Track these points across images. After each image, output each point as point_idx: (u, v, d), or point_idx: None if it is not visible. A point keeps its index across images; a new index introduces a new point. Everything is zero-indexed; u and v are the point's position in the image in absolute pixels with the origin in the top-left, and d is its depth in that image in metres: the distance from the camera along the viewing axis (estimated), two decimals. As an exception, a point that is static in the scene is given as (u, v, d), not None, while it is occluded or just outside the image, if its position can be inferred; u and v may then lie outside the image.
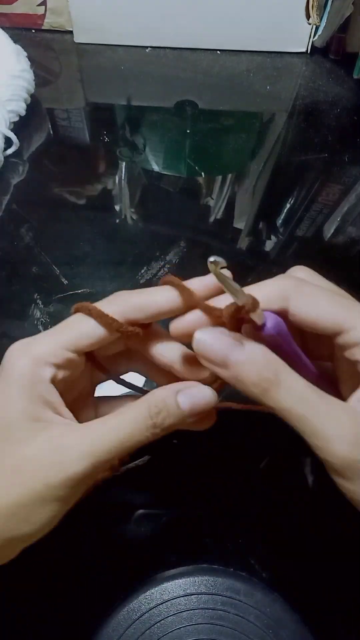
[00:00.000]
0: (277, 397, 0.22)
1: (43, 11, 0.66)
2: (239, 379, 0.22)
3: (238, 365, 0.22)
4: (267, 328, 0.23)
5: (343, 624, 0.31)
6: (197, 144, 0.57)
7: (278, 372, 0.22)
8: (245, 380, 0.22)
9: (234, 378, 0.22)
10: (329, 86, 0.63)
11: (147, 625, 0.30)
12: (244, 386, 0.22)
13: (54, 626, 0.31)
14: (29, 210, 0.50)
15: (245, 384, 0.22)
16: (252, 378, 0.22)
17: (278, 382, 0.22)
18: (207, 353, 0.23)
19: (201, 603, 0.31)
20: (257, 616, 0.30)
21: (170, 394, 0.24)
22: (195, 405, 0.24)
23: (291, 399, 0.22)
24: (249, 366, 0.22)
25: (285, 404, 0.22)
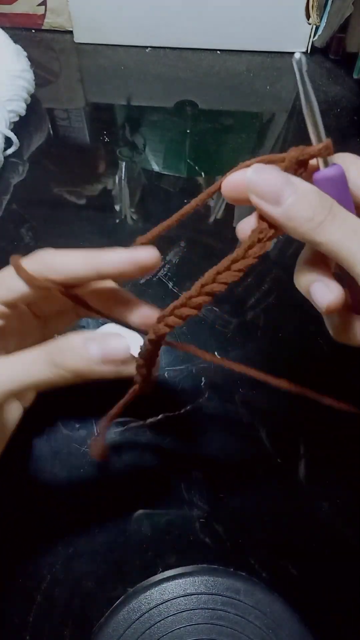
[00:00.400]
0: (330, 230, 0.22)
1: (43, 11, 0.66)
2: (291, 215, 0.22)
3: (292, 201, 0.22)
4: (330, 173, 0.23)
5: (343, 624, 0.31)
6: (197, 144, 0.57)
7: (332, 206, 0.22)
8: (299, 216, 0.22)
9: (285, 214, 0.22)
10: (329, 86, 0.63)
11: (147, 625, 0.30)
12: (296, 223, 0.22)
13: (54, 626, 0.31)
14: (29, 210, 0.50)
15: (297, 219, 0.22)
16: (306, 212, 0.22)
17: (333, 215, 0.22)
18: (260, 189, 0.23)
19: (201, 603, 0.31)
20: (257, 616, 0.30)
21: (79, 337, 0.24)
22: (108, 353, 0.24)
23: (344, 231, 0.22)
24: (303, 201, 0.22)
25: (337, 236, 0.22)
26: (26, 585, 0.32)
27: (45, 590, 0.32)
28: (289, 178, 0.23)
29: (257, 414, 0.38)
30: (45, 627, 0.31)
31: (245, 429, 0.38)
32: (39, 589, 0.32)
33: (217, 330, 0.41)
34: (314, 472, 0.36)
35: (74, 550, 0.33)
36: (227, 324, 0.42)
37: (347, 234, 0.22)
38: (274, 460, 0.37)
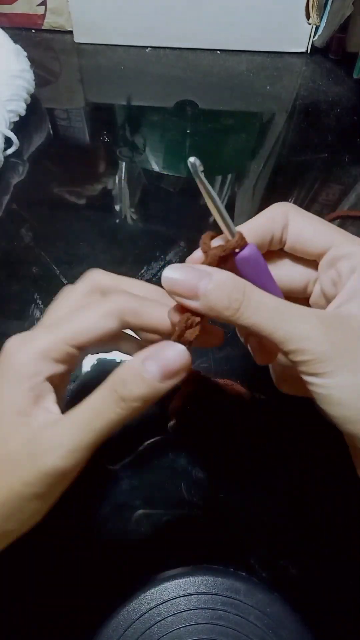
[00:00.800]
0: (249, 314, 0.23)
1: (43, 11, 0.66)
2: (211, 306, 0.23)
3: (207, 293, 0.23)
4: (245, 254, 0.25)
5: (343, 624, 0.31)
6: (197, 144, 0.57)
7: (246, 290, 0.23)
8: (217, 305, 0.23)
9: (206, 306, 0.23)
10: (329, 86, 0.63)
11: (147, 625, 0.30)
12: (217, 312, 0.23)
13: (54, 626, 0.31)
14: (29, 210, 0.50)
15: (217, 309, 0.23)
16: (223, 302, 0.23)
17: (248, 300, 0.23)
18: (177, 287, 0.24)
19: (201, 603, 0.31)
20: (257, 616, 0.30)
21: (136, 361, 0.24)
22: (166, 367, 0.24)
23: (263, 313, 0.23)
24: (218, 291, 0.23)
25: (258, 318, 0.23)
26: (27, 585, 0.32)
27: (45, 590, 0.32)
28: (201, 271, 0.24)
29: (257, 413, 0.38)
30: (45, 627, 0.31)
31: (245, 428, 0.38)
32: (39, 589, 0.32)
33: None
34: (314, 472, 0.36)
35: (74, 550, 0.33)
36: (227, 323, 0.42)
37: (267, 314, 0.23)
38: (274, 460, 0.37)
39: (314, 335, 0.22)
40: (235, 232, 0.25)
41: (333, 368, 0.22)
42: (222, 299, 0.23)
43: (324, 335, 0.22)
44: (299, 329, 0.22)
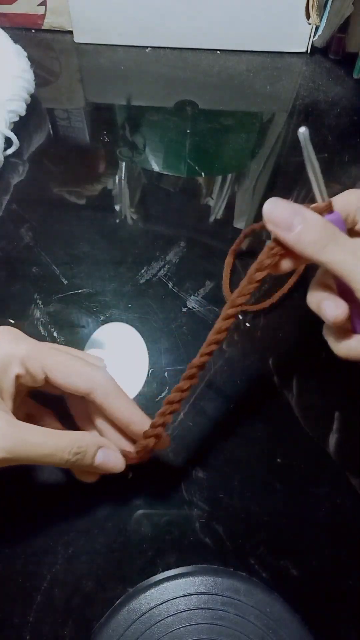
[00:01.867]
0: (334, 251, 0.27)
1: (43, 11, 0.66)
2: (301, 239, 0.27)
3: (301, 227, 0.27)
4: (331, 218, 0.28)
5: (343, 624, 0.31)
6: (197, 144, 0.57)
7: (335, 232, 0.27)
8: (307, 239, 0.27)
9: (296, 238, 0.27)
10: (329, 86, 0.63)
11: (147, 625, 0.30)
12: (304, 245, 0.27)
13: (54, 626, 0.31)
14: (29, 210, 0.50)
15: (306, 242, 0.27)
16: (313, 236, 0.27)
17: (335, 239, 0.27)
18: (275, 218, 0.28)
19: (201, 603, 0.31)
20: (257, 616, 0.30)
21: (94, 445, 0.30)
22: (105, 464, 0.31)
23: (345, 252, 0.27)
24: (311, 227, 0.27)
25: (340, 256, 0.27)
26: (26, 585, 0.32)
27: (45, 590, 0.32)
28: (298, 209, 0.28)
29: (256, 413, 0.38)
30: (45, 627, 0.31)
31: (245, 428, 0.38)
32: (39, 589, 0.32)
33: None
34: (313, 472, 0.36)
35: (74, 550, 0.33)
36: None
37: (346, 255, 0.27)
38: (274, 460, 0.37)
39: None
40: (327, 199, 0.29)
41: None
42: (313, 234, 0.27)
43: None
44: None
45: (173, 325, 0.42)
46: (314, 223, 0.27)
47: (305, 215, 0.27)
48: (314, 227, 0.27)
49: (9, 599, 0.31)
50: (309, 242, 0.27)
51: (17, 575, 0.32)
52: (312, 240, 0.27)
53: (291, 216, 0.27)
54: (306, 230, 0.27)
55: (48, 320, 0.42)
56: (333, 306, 0.29)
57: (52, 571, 0.32)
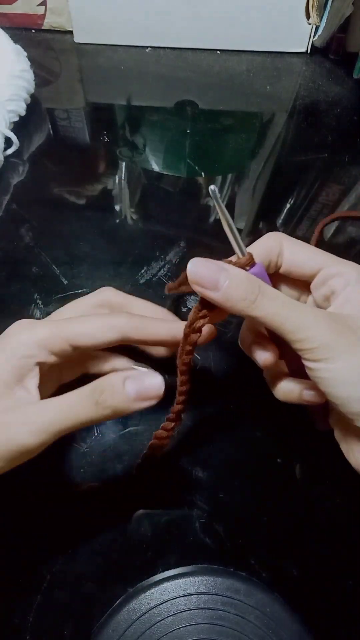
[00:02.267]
0: (263, 305, 0.26)
1: (43, 11, 0.66)
2: (228, 297, 0.27)
3: (226, 285, 0.26)
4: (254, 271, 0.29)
5: (343, 624, 0.31)
6: (197, 144, 0.57)
7: (261, 285, 0.27)
8: (234, 296, 0.26)
9: (224, 297, 0.27)
10: (329, 86, 0.64)
11: (147, 625, 0.30)
12: (233, 303, 0.27)
13: (54, 626, 0.31)
14: (29, 210, 0.50)
15: (234, 300, 0.27)
16: (240, 293, 0.26)
17: (263, 293, 0.27)
18: (200, 278, 0.27)
19: (201, 603, 0.31)
20: (257, 616, 0.30)
21: (118, 377, 0.27)
22: (142, 391, 0.27)
23: (276, 305, 0.27)
24: (236, 284, 0.27)
25: (271, 309, 0.26)
26: (26, 585, 0.32)
27: (45, 590, 0.32)
28: (222, 266, 0.27)
29: (257, 413, 0.38)
30: (45, 627, 0.31)
31: (245, 428, 0.38)
32: (39, 589, 0.32)
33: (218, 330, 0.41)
34: (314, 472, 0.36)
35: (74, 550, 0.33)
36: (227, 323, 0.42)
37: (276, 308, 0.26)
38: (274, 460, 0.37)
39: (320, 326, 0.26)
40: (246, 252, 0.29)
41: (335, 354, 0.26)
42: (240, 291, 0.26)
43: (327, 326, 0.26)
44: (307, 320, 0.26)
45: (173, 325, 0.42)
46: (238, 278, 0.27)
47: (229, 271, 0.27)
48: (239, 282, 0.27)
49: (9, 599, 0.31)
50: (237, 298, 0.26)
51: (17, 575, 0.32)
52: (240, 296, 0.26)
53: (215, 274, 0.27)
54: (232, 287, 0.26)
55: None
56: (262, 352, 0.30)
57: (52, 571, 0.32)
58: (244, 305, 0.26)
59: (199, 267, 0.27)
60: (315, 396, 0.30)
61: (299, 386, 0.30)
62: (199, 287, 0.27)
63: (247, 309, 0.27)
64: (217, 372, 0.40)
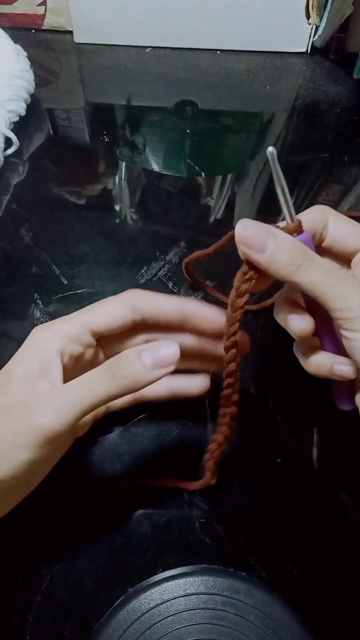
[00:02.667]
0: (309, 271, 0.27)
1: (43, 11, 0.66)
2: (274, 260, 0.27)
3: (274, 248, 0.27)
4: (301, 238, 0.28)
5: (343, 624, 0.31)
6: (197, 144, 0.57)
7: (307, 252, 0.27)
8: (280, 260, 0.27)
9: (269, 259, 0.27)
10: (329, 86, 0.64)
11: (147, 625, 0.30)
12: (278, 267, 0.27)
13: (54, 626, 0.31)
14: (29, 210, 0.50)
15: (279, 263, 0.27)
16: (286, 258, 0.27)
17: (310, 259, 0.27)
18: (248, 240, 0.27)
19: (201, 603, 0.31)
20: (257, 616, 0.30)
21: (133, 350, 0.28)
22: (158, 359, 0.28)
23: (321, 272, 0.27)
24: (283, 248, 0.27)
25: (316, 276, 0.27)
26: (26, 585, 0.32)
27: (45, 590, 0.32)
28: (270, 229, 0.27)
29: (257, 413, 0.38)
30: (45, 627, 0.31)
31: (245, 428, 0.38)
32: (39, 589, 0.32)
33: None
34: (314, 472, 0.36)
35: (74, 550, 0.33)
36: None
37: (321, 275, 0.27)
38: (274, 460, 0.37)
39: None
40: (296, 219, 0.28)
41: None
42: (286, 256, 0.27)
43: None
44: (349, 290, 0.26)
45: (173, 325, 0.42)
46: (286, 243, 0.27)
47: (277, 235, 0.27)
48: (286, 247, 0.27)
49: (9, 599, 0.31)
50: (283, 263, 0.27)
51: (17, 575, 0.32)
52: (286, 261, 0.27)
53: (263, 237, 0.27)
54: (279, 251, 0.27)
55: (48, 321, 0.42)
56: (299, 320, 0.30)
57: (52, 571, 0.32)
58: (290, 270, 0.27)
59: (247, 228, 0.27)
60: (347, 371, 0.29)
61: (331, 359, 0.30)
62: (246, 248, 0.27)
63: (292, 274, 0.27)
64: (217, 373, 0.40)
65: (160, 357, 0.28)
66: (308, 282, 0.27)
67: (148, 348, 0.28)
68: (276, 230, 0.27)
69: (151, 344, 0.28)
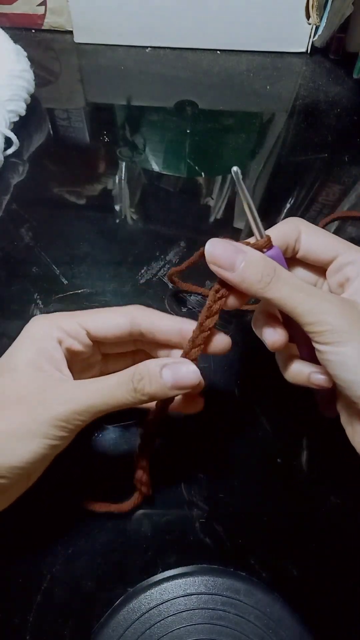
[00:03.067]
0: (278, 287, 0.27)
1: (43, 11, 0.66)
2: (244, 278, 0.27)
3: (243, 266, 0.27)
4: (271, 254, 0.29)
5: (343, 624, 0.31)
6: (197, 144, 0.57)
7: (276, 268, 0.28)
8: (250, 278, 0.27)
9: (239, 277, 0.27)
10: (329, 86, 0.64)
11: (147, 625, 0.30)
12: (248, 284, 0.27)
13: (54, 626, 0.31)
14: (29, 210, 0.50)
15: (250, 281, 0.27)
16: (256, 275, 0.27)
17: (278, 275, 0.27)
18: (217, 259, 0.28)
19: (201, 603, 0.31)
20: (257, 616, 0.30)
21: (156, 365, 0.28)
22: (179, 380, 0.28)
23: (290, 288, 0.27)
24: (253, 266, 0.27)
25: (285, 292, 0.27)
26: (26, 585, 0.32)
27: (45, 590, 0.32)
28: (239, 247, 0.28)
29: (257, 413, 0.38)
30: (45, 627, 0.31)
31: (245, 428, 0.38)
32: (39, 589, 0.32)
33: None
34: (314, 472, 0.36)
35: (74, 550, 0.33)
36: (227, 323, 0.42)
37: (290, 290, 0.27)
38: (274, 460, 0.37)
39: (333, 311, 0.27)
40: (264, 235, 0.29)
41: (345, 339, 0.26)
42: (256, 273, 0.27)
43: (339, 311, 0.27)
44: (320, 304, 0.27)
45: (173, 325, 0.42)
46: (255, 260, 0.28)
47: (247, 252, 0.28)
48: (256, 264, 0.27)
49: (9, 599, 0.31)
50: (253, 280, 0.27)
51: (17, 575, 0.32)
52: (255, 278, 0.27)
53: (232, 255, 0.27)
54: (249, 268, 0.27)
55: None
56: (272, 333, 0.30)
57: (52, 571, 0.32)
58: (259, 286, 0.27)
59: (216, 248, 0.28)
60: (324, 380, 0.30)
61: (308, 369, 0.31)
62: (216, 267, 0.28)
63: (261, 291, 0.27)
64: (217, 373, 0.40)
65: (181, 377, 0.28)
66: (278, 297, 0.27)
67: (170, 364, 0.28)
68: (245, 247, 0.28)
69: (173, 361, 0.29)
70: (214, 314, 0.30)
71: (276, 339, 0.30)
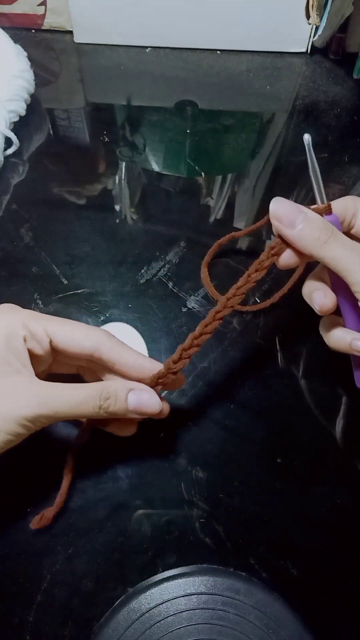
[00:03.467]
0: (333, 247, 0.29)
1: (43, 11, 0.66)
2: (302, 235, 0.30)
3: (303, 225, 0.30)
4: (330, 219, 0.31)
5: (343, 624, 0.31)
6: (197, 144, 0.57)
7: (334, 229, 0.30)
8: (308, 236, 0.30)
9: (298, 234, 0.30)
10: (329, 86, 0.63)
11: (147, 625, 0.30)
12: (306, 242, 0.30)
13: (54, 626, 0.31)
14: (29, 210, 0.50)
15: (307, 239, 0.30)
16: (314, 234, 0.30)
17: (335, 236, 0.30)
18: (280, 215, 0.30)
19: (201, 603, 0.31)
20: (257, 616, 0.30)
21: (124, 389, 0.31)
22: (141, 405, 0.31)
23: (344, 248, 0.30)
24: (311, 225, 0.30)
25: (340, 252, 0.29)
26: (26, 585, 0.32)
27: (45, 590, 0.32)
28: (301, 208, 0.30)
29: (256, 413, 0.39)
30: (45, 627, 0.31)
31: (245, 428, 0.38)
32: (39, 589, 0.32)
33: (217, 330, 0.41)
34: (314, 472, 0.36)
35: (74, 550, 0.33)
36: (227, 324, 0.42)
37: (345, 251, 0.29)
38: (274, 460, 0.37)
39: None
40: (326, 201, 0.31)
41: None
42: (314, 231, 0.30)
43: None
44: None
45: (173, 325, 0.42)
46: (314, 221, 0.30)
47: (307, 213, 0.30)
48: (314, 224, 0.30)
49: (9, 599, 0.31)
50: (310, 238, 0.29)
51: (17, 575, 0.32)
52: (312, 237, 0.29)
53: (294, 214, 0.30)
54: (307, 227, 0.30)
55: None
56: (322, 296, 0.32)
57: (52, 571, 0.32)
58: (316, 245, 0.29)
59: (280, 205, 0.30)
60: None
61: (350, 335, 0.32)
62: (278, 223, 0.30)
63: (317, 249, 0.29)
64: (217, 373, 0.40)
65: (144, 404, 0.31)
66: (332, 257, 0.29)
67: (136, 390, 0.31)
68: (306, 209, 0.30)
69: (140, 387, 0.31)
70: (264, 269, 0.31)
71: (325, 302, 0.32)
